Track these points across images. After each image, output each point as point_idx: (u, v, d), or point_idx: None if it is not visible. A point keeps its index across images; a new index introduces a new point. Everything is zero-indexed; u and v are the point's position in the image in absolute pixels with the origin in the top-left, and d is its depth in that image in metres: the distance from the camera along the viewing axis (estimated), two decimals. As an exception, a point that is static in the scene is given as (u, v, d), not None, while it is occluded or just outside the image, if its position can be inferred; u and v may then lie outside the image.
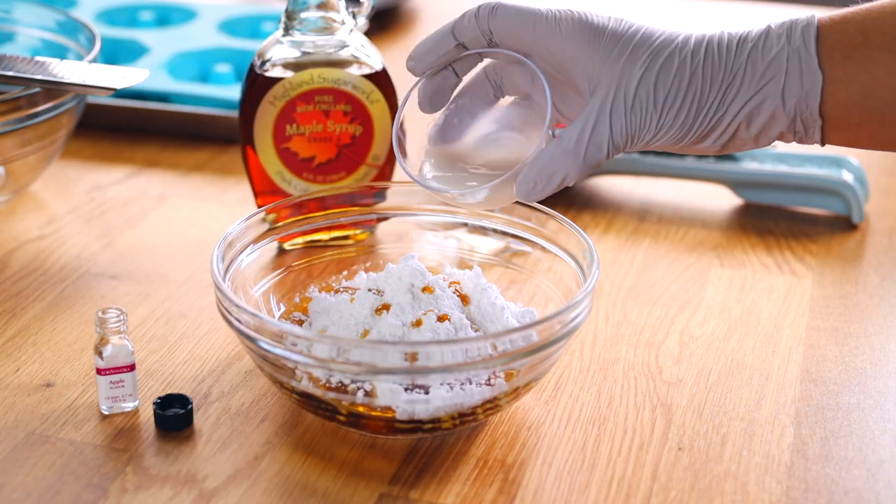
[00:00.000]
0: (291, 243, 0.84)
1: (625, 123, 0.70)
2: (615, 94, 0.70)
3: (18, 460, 0.71)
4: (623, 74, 0.70)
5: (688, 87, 0.70)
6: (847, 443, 0.73)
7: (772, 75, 0.69)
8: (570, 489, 0.69)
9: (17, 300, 0.87)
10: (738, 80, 0.70)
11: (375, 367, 0.67)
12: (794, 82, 0.69)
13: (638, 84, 0.70)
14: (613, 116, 0.70)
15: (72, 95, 0.95)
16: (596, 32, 0.71)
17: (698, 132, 0.71)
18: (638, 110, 0.70)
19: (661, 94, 0.70)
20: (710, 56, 0.70)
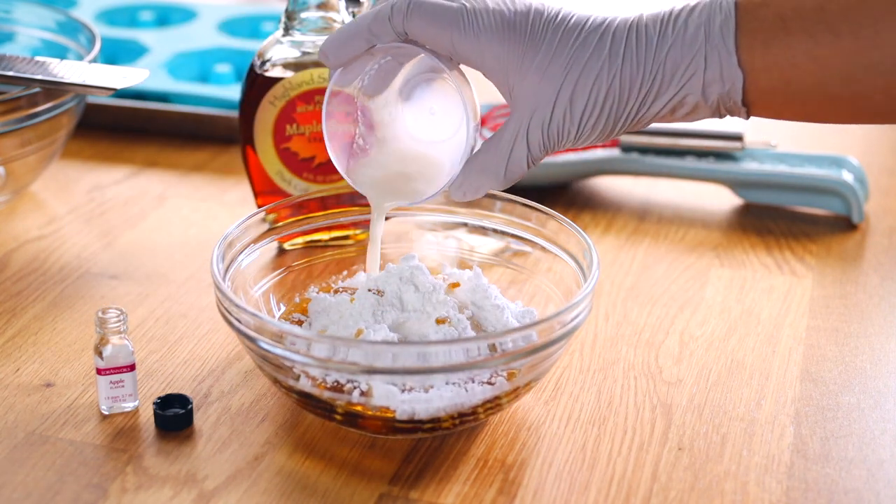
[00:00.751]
0: (291, 243, 0.84)
1: (542, 140, 0.70)
2: (533, 115, 0.70)
3: (18, 460, 0.71)
4: (540, 93, 0.69)
5: (605, 100, 0.69)
6: (847, 443, 0.73)
7: (692, 73, 0.69)
8: (570, 489, 0.69)
9: (17, 300, 0.87)
10: (656, 85, 0.69)
11: (374, 367, 0.67)
12: (715, 80, 0.69)
13: (555, 103, 0.69)
14: (531, 136, 0.70)
15: (72, 95, 0.95)
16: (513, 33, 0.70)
17: (618, 132, 0.71)
18: (555, 128, 0.70)
19: (577, 110, 0.69)
20: (629, 59, 0.69)
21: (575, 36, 0.69)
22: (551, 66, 0.69)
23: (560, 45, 0.69)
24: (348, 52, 0.72)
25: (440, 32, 0.69)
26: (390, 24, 0.70)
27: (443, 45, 0.70)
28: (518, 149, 0.70)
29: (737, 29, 0.68)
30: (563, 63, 0.69)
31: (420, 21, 0.69)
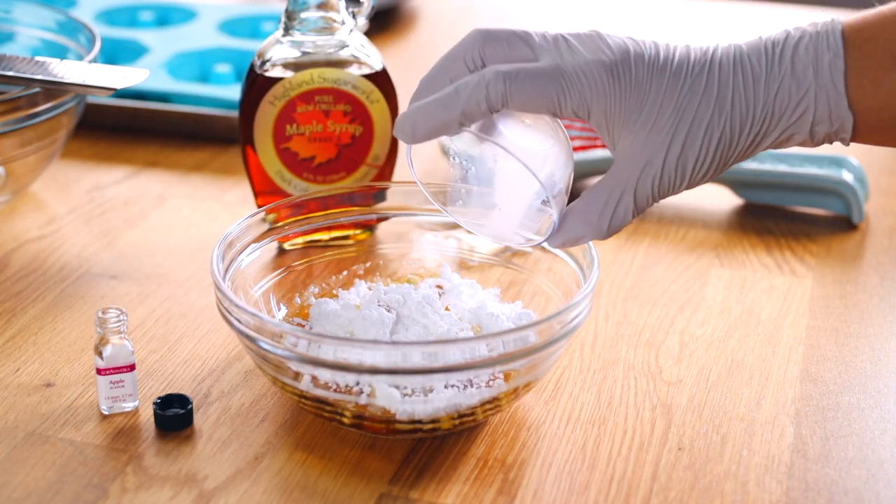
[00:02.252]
0: (291, 243, 0.84)
1: (650, 193, 0.68)
2: (643, 170, 0.67)
3: (18, 460, 0.71)
4: (649, 147, 0.66)
5: (716, 147, 0.67)
6: (847, 443, 0.73)
7: (800, 113, 0.67)
8: (570, 489, 0.69)
9: (17, 300, 0.87)
10: (765, 126, 0.67)
11: (374, 367, 0.67)
12: (823, 120, 0.67)
13: (666, 157, 0.67)
14: (639, 190, 0.68)
15: (72, 95, 0.95)
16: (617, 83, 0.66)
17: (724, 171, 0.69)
18: (666, 180, 0.68)
19: (689, 161, 0.67)
20: (738, 103, 0.67)
21: (682, 82, 0.67)
22: (659, 119, 0.66)
23: (667, 95, 0.67)
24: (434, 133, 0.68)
25: (543, 101, 0.66)
26: (487, 105, 0.66)
27: (547, 110, 0.67)
28: (624, 203, 0.68)
29: (846, 68, 0.66)
30: (672, 114, 0.66)
31: (520, 95, 0.66)
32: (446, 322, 0.76)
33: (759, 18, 1.49)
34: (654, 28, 1.46)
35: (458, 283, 0.81)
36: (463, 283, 0.81)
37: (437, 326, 0.76)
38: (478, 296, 0.80)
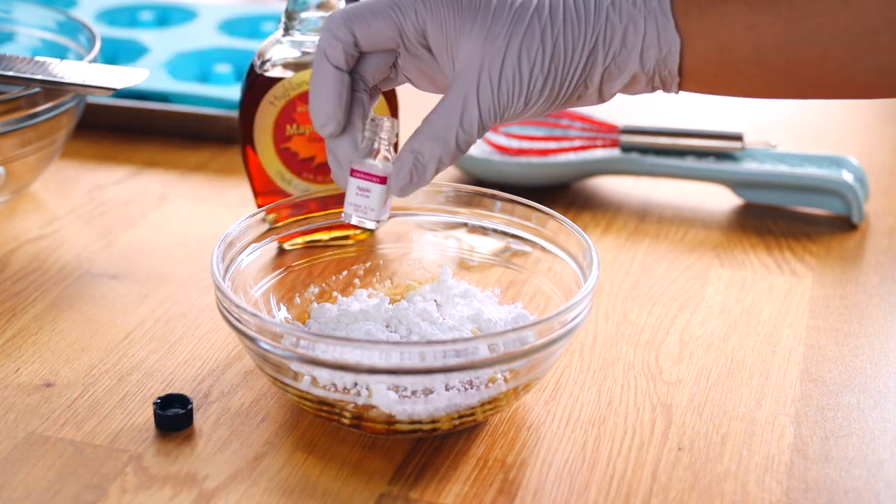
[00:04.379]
0: (291, 243, 0.84)
1: (493, 103, 0.69)
2: (480, 76, 0.68)
3: (18, 460, 0.71)
4: (486, 52, 0.68)
5: (551, 60, 0.69)
6: (847, 443, 0.73)
7: (630, 35, 0.69)
8: (570, 489, 0.69)
9: (17, 300, 0.87)
10: (598, 47, 0.69)
11: (374, 367, 0.67)
12: (652, 44, 0.69)
13: (504, 60, 0.68)
14: (481, 98, 0.68)
15: (72, 95, 0.95)
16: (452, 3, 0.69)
17: (561, 100, 0.70)
18: (505, 89, 0.68)
19: (525, 70, 0.68)
20: (570, 21, 0.69)
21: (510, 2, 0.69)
22: (493, 27, 0.68)
23: (498, 9, 0.69)
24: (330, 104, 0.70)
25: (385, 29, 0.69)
26: (341, 46, 0.69)
27: (391, 40, 0.70)
28: (469, 112, 0.69)
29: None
30: (506, 25, 0.68)
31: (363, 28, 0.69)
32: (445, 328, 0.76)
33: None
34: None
35: (455, 293, 0.81)
36: (459, 287, 0.81)
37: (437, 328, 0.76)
38: (473, 304, 0.80)
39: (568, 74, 0.69)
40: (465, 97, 0.68)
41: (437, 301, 0.80)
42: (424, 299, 0.80)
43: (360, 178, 0.70)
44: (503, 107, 0.69)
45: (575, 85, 0.70)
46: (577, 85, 0.70)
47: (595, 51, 0.69)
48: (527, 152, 1.03)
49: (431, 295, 0.81)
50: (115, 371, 0.79)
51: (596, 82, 0.70)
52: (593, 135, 1.04)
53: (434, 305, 0.79)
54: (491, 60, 0.68)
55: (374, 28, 0.69)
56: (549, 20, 0.69)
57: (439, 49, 0.69)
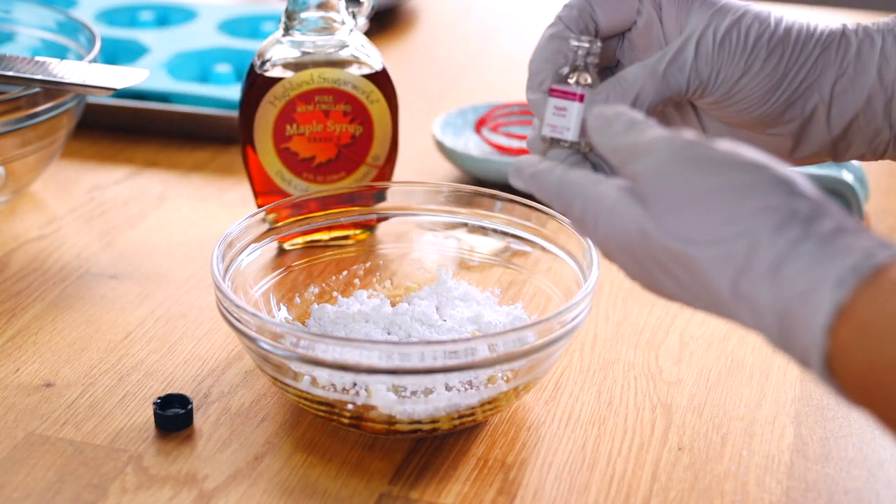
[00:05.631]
0: (291, 243, 0.84)
1: (711, 51, 0.66)
2: (704, 28, 0.67)
3: (18, 460, 0.71)
4: (714, 17, 0.67)
5: (780, 39, 0.67)
6: (847, 443, 0.73)
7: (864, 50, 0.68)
8: (570, 489, 0.69)
9: (17, 300, 0.87)
10: (830, 53, 0.67)
11: (374, 367, 0.67)
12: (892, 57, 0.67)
13: (730, 23, 0.67)
14: (701, 43, 0.66)
15: (72, 95, 0.95)
16: None
17: (783, 95, 0.68)
18: (727, 43, 0.66)
19: (752, 35, 0.66)
20: (806, 25, 0.68)
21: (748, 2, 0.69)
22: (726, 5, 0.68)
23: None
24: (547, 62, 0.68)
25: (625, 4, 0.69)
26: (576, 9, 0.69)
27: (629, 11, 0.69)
28: (684, 51, 0.67)
29: None
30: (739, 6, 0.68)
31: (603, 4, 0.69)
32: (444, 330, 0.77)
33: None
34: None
35: (455, 294, 0.81)
36: (459, 289, 0.81)
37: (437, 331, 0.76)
38: (473, 306, 0.80)
39: (796, 60, 0.67)
40: (686, 39, 0.67)
41: (437, 306, 0.80)
42: (424, 301, 0.80)
43: (558, 97, 0.67)
44: (722, 60, 0.66)
45: (799, 84, 0.67)
46: (802, 86, 0.68)
47: (826, 55, 0.67)
48: (527, 152, 1.03)
49: (431, 297, 0.81)
50: (115, 371, 0.79)
51: (826, 91, 0.68)
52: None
53: (433, 308, 0.79)
54: (719, 21, 0.67)
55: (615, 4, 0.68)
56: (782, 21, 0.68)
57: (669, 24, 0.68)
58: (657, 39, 0.69)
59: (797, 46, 0.67)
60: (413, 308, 0.79)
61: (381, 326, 0.78)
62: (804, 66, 0.68)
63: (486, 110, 1.09)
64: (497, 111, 1.07)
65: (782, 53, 0.67)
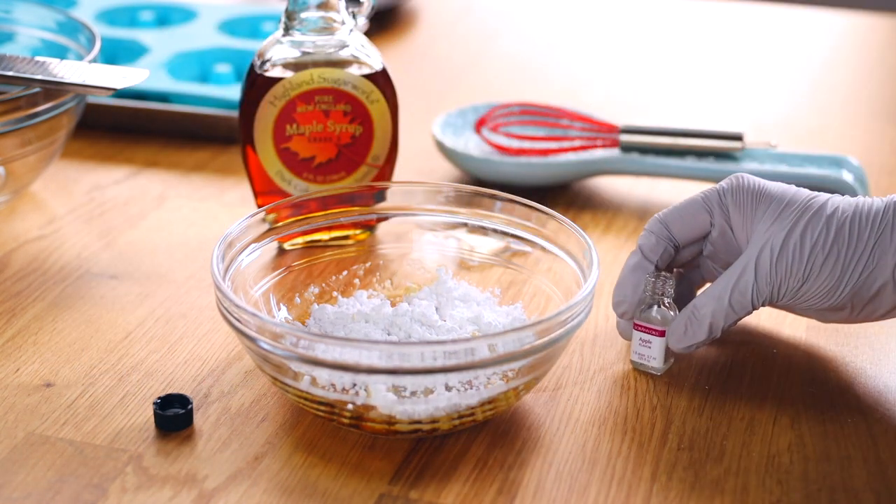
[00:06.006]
0: (291, 243, 0.84)
1: (770, 272, 0.74)
2: (762, 246, 0.75)
3: (18, 460, 0.71)
4: (772, 229, 0.75)
5: (833, 240, 0.74)
6: (847, 443, 0.73)
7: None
8: (570, 489, 0.69)
9: (17, 300, 0.87)
10: (883, 239, 0.74)
11: (374, 367, 0.67)
12: None
13: (785, 237, 0.74)
14: (759, 264, 0.74)
15: (72, 95, 0.95)
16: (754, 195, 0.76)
17: (845, 289, 0.74)
18: (784, 260, 0.74)
19: (807, 245, 0.74)
20: (858, 215, 0.74)
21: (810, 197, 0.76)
22: (784, 211, 0.75)
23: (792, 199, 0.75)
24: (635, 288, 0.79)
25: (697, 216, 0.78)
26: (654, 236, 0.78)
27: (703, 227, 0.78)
28: (746, 276, 0.75)
29: None
30: (796, 209, 0.75)
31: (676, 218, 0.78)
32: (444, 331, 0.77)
33: (759, 18, 1.49)
34: (655, 29, 1.46)
35: (455, 295, 0.81)
36: (459, 289, 0.81)
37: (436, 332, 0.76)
38: (472, 308, 0.80)
39: (852, 260, 0.74)
40: (745, 263, 0.75)
41: (437, 306, 0.80)
42: (424, 301, 0.80)
43: (642, 332, 0.78)
44: (781, 276, 0.75)
45: (860, 274, 0.74)
46: (863, 275, 0.74)
47: (881, 240, 0.74)
48: (527, 152, 1.03)
49: (431, 297, 0.81)
50: (115, 371, 0.79)
51: (888, 273, 0.74)
52: (593, 135, 1.04)
53: (433, 308, 0.79)
54: (775, 235, 0.75)
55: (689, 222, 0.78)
56: (837, 213, 0.74)
57: (739, 231, 0.77)
58: (731, 243, 0.78)
59: (852, 243, 0.74)
60: (413, 308, 0.79)
61: (380, 327, 0.78)
62: (862, 259, 0.74)
63: (486, 110, 1.09)
64: (497, 111, 1.07)
65: (838, 254, 0.74)
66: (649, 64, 1.35)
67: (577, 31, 1.45)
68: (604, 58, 1.36)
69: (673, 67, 1.34)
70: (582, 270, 0.76)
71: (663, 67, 1.34)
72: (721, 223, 0.77)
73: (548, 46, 1.39)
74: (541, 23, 1.47)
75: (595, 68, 1.33)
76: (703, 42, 1.42)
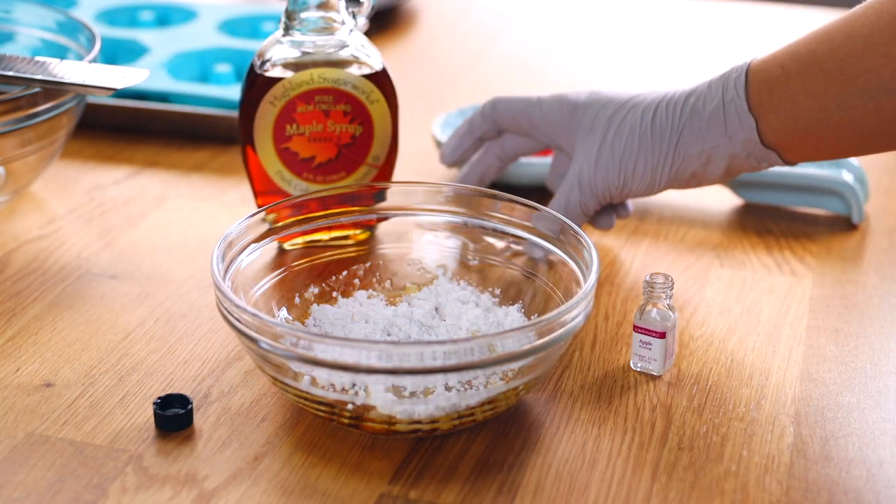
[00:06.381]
0: (291, 243, 0.84)
1: (591, 183, 0.87)
2: (583, 163, 0.87)
3: (18, 460, 0.71)
4: (588, 145, 0.87)
5: (639, 147, 0.85)
6: (847, 443, 0.73)
7: (714, 125, 0.83)
8: (570, 489, 0.69)
9: (17, 300, 0.87)
10: (685, 135, 0.84)
11: (373, 367, 0.67)
12: (735, 127, 0.83)
13: (598, 150, 0.86)
14: (582, 181, 0.87)
15: (72, 95, 0.95)
16: (571, 110, 0.88)
17: (661, 181, 0.86)
18: (602, 171, 0.86)
19: (617, 155, 0.86)
20: (658, 117, 0.85)
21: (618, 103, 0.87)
22: (596, 122, 0.87)
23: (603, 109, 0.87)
24: (460, 149, 0.95)
25: (517, 114, 0.91)
26: (482, 119, 0.93)
27: (522, 123, 0.91)
28: (573, 194, 0.88)
29: (747, 85, 0.82)
30: (604, 121, 0.86)
31: (503, 110, 0.92)
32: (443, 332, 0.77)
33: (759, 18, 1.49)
34: (655, 29, 1.46)
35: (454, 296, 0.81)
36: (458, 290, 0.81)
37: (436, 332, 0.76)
38: (472, 308, 0.80)
39: (660, 160, 0.85)
40: (570, 185, 0.88)
41: (436, 307, 0.80)
42: (424, 302, 0.80)
43: (642, 334, 0.78)
44: (602, 186, 0.87)
45: (668, 169, 0.86)
46: (672, 170, 0.86)
47: (682, 139, 0.85)
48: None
49: (431, 297, 0.81)
50: (115, 371, 0.79)
51: (688, 166, 0.85)
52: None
53: (433, 309, 0.79)
54: (589, 150, 0.87)
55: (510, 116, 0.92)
56: (640, 116, 0.85)
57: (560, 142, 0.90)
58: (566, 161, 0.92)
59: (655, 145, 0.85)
60: (413, 309, 0.79)
61: (380, 327, 0.78)
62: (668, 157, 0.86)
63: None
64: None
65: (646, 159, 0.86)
66: (649, 64, 1.35)
67: (577, 31, 1.45)
68: (604, 58, 1.36)
69: (673, 67, 1.34)
70: (582, 270, 0.76)
71: (663, 67, 1.34)
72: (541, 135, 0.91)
73: (548, 46, 1.39)
74: (541, 23, 1.47)
75: (595, 68, 1.33)
76: (703, 42, 1.42)
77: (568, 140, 0.89)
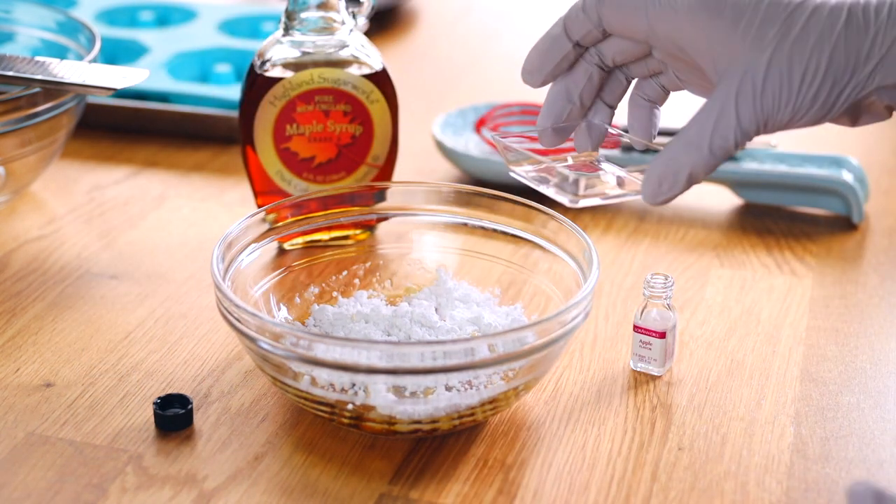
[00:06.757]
0: (291, 243, 0.84)
1: (754, 109, 0.63)
2: (742, 79, 0.63)
3: (18, 460, 0.71)
4: (751, 55, 0.62)
5: (828, 65, 0.62)
6: (847, 443, 0.73)
7: None
8: (570, 489, 0.69)
9: (17, 300, 0.87)
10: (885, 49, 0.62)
11: (373, 367, 0.67)
12: None
13: (768, 65, 0.62)
14: (740, 103, 0.63)
15: (72, 95, 0.95)
16: (716, 6, 0.64)
17: (839, 108, 0.64)
18: (770, 94, 0.63)
19: (796, 75, 0.62)
20: (853, 23, 0.62)
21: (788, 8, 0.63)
22: (761, 29, 0.63)
23: (770, 9, 0.63)
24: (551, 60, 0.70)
25: (633, 10, 0.66)
26: (584, 15, 0.68)
27: (638, 24, 0.66)
28: (725, 118, 0.63)
29: None
30: (778, 25, 0.62)
31: (613, 4, 0.67)
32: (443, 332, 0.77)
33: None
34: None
35: (455, 295, 0.81)
36: (459, 289, 0.81)
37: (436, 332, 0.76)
38: (472, 308, 0.80)
39: (847, 85, 0.63)
40: (722, 103, 0.64)
41: (436, 307, 0.81)
42: (424, 302, 0.80)
43: (642, 334, 0.78)
44: (767, 112, 0.63)
45: (855, 92, 0.63)
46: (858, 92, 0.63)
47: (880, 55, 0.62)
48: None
49: (431, 297, 0.81)
50: (115, 371, 0.79)
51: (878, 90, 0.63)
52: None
53: (433, 309, 0.79)
54: (755, 65, 0.62)
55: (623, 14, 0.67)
56: (828, 20, 0.62)
57: (698, 52, 0.65)
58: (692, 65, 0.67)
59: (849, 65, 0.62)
60: (413, 309, 0.79)
61: (380, 327, 0.78)
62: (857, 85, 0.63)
63: (486, 110, 1.09)
64: (497, 111, 1.07)
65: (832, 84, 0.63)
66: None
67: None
68: (604, 58, 1.36)
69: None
70: (582, 271, 0.76)
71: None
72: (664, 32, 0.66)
73: (548, 46, 1.39)
74: (541, 23, 1.46)
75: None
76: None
77: (710, 50, 0.64)
